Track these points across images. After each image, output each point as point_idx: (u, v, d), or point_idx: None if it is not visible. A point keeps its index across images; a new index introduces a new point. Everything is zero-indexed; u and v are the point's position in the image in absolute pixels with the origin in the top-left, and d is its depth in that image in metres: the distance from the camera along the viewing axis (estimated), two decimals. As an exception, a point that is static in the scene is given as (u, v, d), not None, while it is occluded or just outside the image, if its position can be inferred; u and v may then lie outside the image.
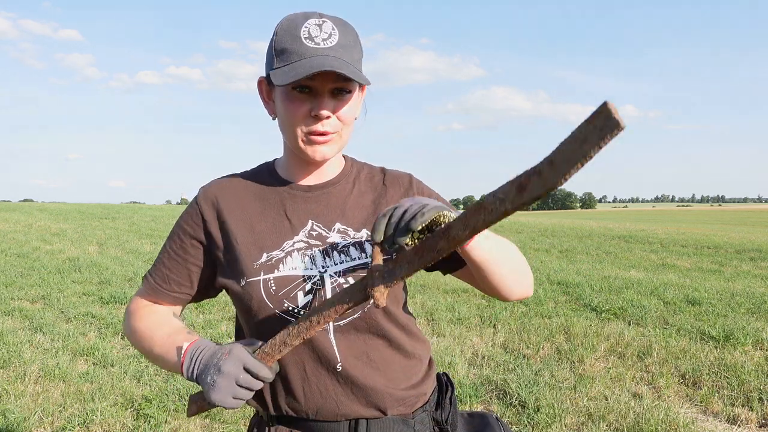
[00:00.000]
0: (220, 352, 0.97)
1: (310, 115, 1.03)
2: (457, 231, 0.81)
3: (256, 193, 1.16)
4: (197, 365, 0.98)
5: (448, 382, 1.22)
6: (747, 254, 10.58)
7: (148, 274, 1.20)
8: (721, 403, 3.51)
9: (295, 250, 1.09)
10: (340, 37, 1.03)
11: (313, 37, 1.01)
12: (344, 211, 1.14)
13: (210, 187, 1.19)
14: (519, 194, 0.68)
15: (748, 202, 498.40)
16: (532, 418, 3.26)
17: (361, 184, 1.19)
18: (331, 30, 1.03)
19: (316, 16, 1.03)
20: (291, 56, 1.01)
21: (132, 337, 1.17)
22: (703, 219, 51.03)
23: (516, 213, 2.28)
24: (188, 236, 1.16)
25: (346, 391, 1.07)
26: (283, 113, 1.06)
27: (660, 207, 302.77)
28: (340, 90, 1.04)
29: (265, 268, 1.08)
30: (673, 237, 13.54)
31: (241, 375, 0.94)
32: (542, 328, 5.08)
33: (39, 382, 3.79)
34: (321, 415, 1.08)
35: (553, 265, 9.07)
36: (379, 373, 1.09)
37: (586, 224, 18.16)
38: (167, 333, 1.10)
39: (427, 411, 1.14)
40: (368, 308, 1.08)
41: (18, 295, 6.43)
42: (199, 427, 3.18)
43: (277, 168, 1.19)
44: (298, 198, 1.15)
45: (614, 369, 4.08)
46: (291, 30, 1.03)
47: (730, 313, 5.66)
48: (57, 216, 17.29)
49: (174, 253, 1.17)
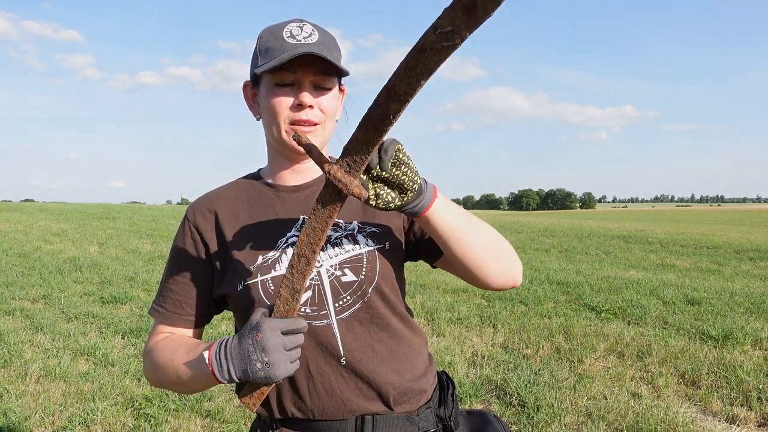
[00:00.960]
0: (248, 336, 0.94)
1: (292, 107, 1.08)
2: (403, 82, 0.72)
3: (245, 200, 1.18)
4: (231, 363, 0.95)
5: (449, 380, 1.23)
6: (746, 254, 10.59)
7: (156, 307, 1.18)
8: (720, 402, 3.52)
9: (289, 245, 1.11)
10: (320, 37, 1.09)
11: (294, 35, 1.08)
12: None
13: (198, 202, 1.21)
14: (467, 14, 0.59)
15: (747, 203, 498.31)
16: (531, 417, 3.27)
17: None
18: (311, 30, 1.09)
19: (298, 21, 1.10)
20: (274, 52, 1.07)
21: (155, 375, 1.12)
22: (702, 219, 51.04)
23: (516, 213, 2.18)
24: (188, 255, 1.16)
25: (351, 386, 1.07)
26: (267, 108, 1.10)
27: (659, 207, 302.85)
28: (320, 86, 1.10)
29: (261, 270, 1.09)
30: (672, 237, 13.55)
31: (285, 340, 0.93)
32: (542, 327, 5.08)
33: (40, 381, 3.80)
34: (327, 414, 1.08)
35: (553, 265, 9.08)
36: (384, 364, 1.09)
37: (586, 224, 18.16)
38: (185, 352, 1.06)
39: (431, 408, 1.15)
40: (368, 298, 1.08)
41: (19, 294, 6.43)
42: (199, 427, 3.18)
43: (262, 175, 1.23)
44: (287, 198, 1.17)
45: (614, 369, 4.09)
46: (273, 32, 1.09)
47: (729, 312, 5.67)
48: (58, 216, 17.29)
49: (179, 276, 1.17)
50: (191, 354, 1.04)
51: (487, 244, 1.06)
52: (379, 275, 1.10)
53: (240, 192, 1.20)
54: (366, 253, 1.10)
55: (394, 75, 0.73)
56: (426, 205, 0.97)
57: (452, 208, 1.02)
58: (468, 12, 0.58)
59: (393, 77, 0.73)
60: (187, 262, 1.16)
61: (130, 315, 5.61)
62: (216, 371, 0.96)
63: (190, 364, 1.04)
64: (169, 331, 1.17)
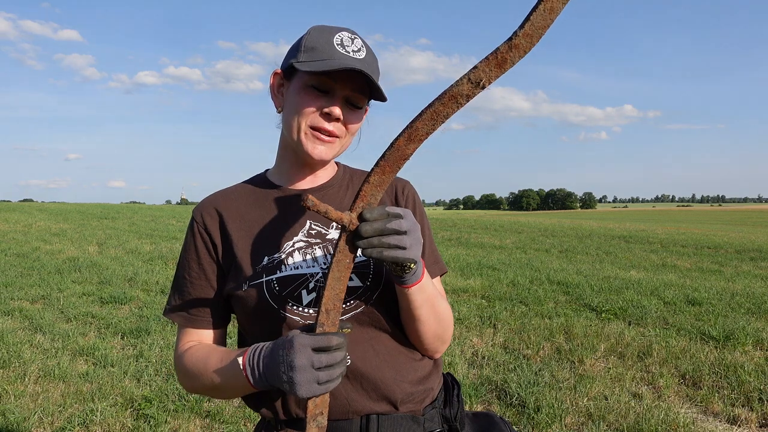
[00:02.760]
0: (281, 347, 0.92)
1: (320, 113, 1.07)
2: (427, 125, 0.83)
3: (252, 201, 1.17)
4: (262, 368, 0.94)
5: (454, 381, 1.22)
6: (747, 254, 10.58)
7: (177, 310, 1.17)
8: (721, 403, 3.51)
9: (295, 250, 1.10)
10: (367, 55, 1.09)
11: (345, 45, 1.07)
12: (341, 209, 1.14)
13: (204, 203, 1.19)
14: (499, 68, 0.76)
15: (748, 202, 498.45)
16: (532, 418, 3.26)
17: (354, 187, 1.21)
18: (361, 46, 1.09)
19: (350, 32, 1.09)
20: (320, 54, 1.05)
21: (190, 383, 1.12)
22: (703, 219, 51.03)
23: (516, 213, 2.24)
24: (200, 256, 1.16)
25: (356, 386, 1.06)
26: (294, 105, 1.08)
27: (660, 207, 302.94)
28: (352, 103, 1.09)
29: (267, 270, 1.08)
30: (673, 237, 13.54)
31: (314, 358, 0.89)
32: (542, 328, 5.07)
33: (39, 382, 3.79)
34: (332, 414, 1.06)
35: (553, 265, 9.07)
36: (387, 365, 1.09)
37: (586, 224, 18.16)
38: (219, 358, 1.06)
39: (437, 408, 1.14)
40: (371, 303, 1.08)
41: (18, 295, 6.43)
42: (199, 427, 3.17)
43: (269, 177, 1.21)
44: (295, 201, 1.16)
45: (614, 369, 4.08)
46: (324, 33, 1.08)
47: (730, 313, 5.66)
48: (57, 216, 17.29)
49: (195, 278, 1.16)
50: (224, 360, 1.04)
51: (437, 329, 1.10)
52: (384, 283, 1.08)
53: (246, 193, 1.19)
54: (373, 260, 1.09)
55: (417, 119, 0.82)
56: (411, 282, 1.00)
57: (429, 286, 1.05)
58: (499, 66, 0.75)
59: (416, 121, 0.82)
60: (201, 263, 1.16)
61: (129, 315, 5.60)
62: (250, 377, 0.95)
63: (224, 369, 1.03)
64: (195, 334, 1.17)
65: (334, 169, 1.23)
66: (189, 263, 1.16)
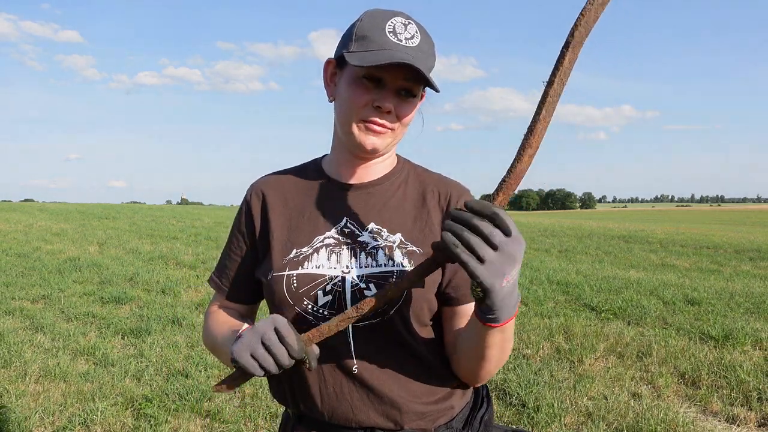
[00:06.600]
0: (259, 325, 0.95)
1: (372, 106, 1.03)
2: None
3: (299, 189, 1.17)
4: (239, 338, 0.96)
5: (486, 397, 1.17)
6: (746, 254, 10.59)
7: (216, 279, 1.23)
8: (720, 402, 3.52)
9: (323, 246, 1.08)
10: (421, 42, 1.03)
11: (397, 33, 1.01)
12: (382, 211, 1.11)
13: (258, 183, 1.21)
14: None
15: (747, 202, 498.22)
16: (532, 417, 3.27)
17: (408, 187, 1.15)
18: (415, 32, 1.03)
19: (404, 17, 1.04)
20: (371, 44, 1.01)
21: (206, 340, 1.20)
22: (702, 219, 51.05)
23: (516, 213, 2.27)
24: (241, 234, 1.19)
25: (362, 395, 1.05)
26: (345, 97, 1.05)
27: (659, 207, 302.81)
28: (406, 91, 1.04)
29: (291, 264, 1.07)
30: (672, 237, 13.56)
31: (267, 332, 0.91)
32: (542, 327, 5.08)
33: (40, 381, 3.79)
34: (336, 419, 1.06)
35: (553, 265, 9.08)
36: (397, 381, 1.05)
37: (586, 224, 18.18)
38: (230, 327, 1.11)
39: (453, 428, 1.09)
40: (388, 317, 1.04)
41: (19, 294, 6.43)
42: (199, 427, 3.18)
43: (323, 165, 1.19)
44: (338, 195, 1.13)
45: (614, 369, 4.09)
46: (377, 20, 1.03)
47: (729, 313, 5.67)
48: (57, 216, 17.30)
49: (234, 253, 1.20)
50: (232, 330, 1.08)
51: (492, 369, 1.03)
52: (404, 299, 1.03)
53: (296, 178, 1.18)
54: (397, 273, 1.04)
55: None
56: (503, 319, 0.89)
57: (509, 328, 0.95)
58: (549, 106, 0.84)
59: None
60: (240, 240, 1.19)
61: (129, 315, 5.61)
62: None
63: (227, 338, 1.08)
64: (223, 302, 1.23)
65: (393, 164, 1.17)
66: (231, 238, 1.21)
